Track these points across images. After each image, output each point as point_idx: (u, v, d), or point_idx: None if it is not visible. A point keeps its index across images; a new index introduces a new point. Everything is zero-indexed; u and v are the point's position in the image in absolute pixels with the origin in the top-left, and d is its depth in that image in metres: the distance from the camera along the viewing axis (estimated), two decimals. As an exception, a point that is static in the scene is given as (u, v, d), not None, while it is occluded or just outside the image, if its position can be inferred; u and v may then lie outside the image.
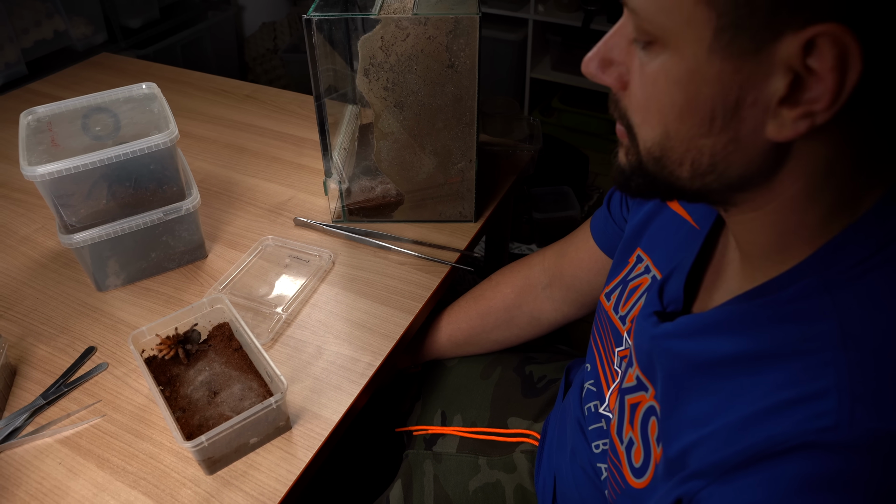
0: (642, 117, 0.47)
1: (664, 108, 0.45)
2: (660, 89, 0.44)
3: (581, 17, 2.49)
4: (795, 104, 0.40)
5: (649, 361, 0.58)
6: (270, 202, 1.12)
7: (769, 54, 0.39)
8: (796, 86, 0.39)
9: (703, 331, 0.52)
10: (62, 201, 0.86)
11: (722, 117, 0.42)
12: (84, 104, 0.96)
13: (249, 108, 1.41)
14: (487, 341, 0.96)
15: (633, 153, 0.49)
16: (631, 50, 0.47)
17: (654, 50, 0.44)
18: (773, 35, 0.38)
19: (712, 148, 0.44)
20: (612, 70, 0.48)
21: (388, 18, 0.84)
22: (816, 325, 0.44)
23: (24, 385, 0.82)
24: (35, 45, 1.99)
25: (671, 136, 0.45)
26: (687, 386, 0.52)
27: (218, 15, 2.72)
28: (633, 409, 0.61)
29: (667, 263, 0.64)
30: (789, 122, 0.40)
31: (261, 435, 0.73)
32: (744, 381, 0.46)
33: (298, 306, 0.91)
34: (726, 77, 0.41)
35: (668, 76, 0.43)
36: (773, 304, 0.47)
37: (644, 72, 0.45)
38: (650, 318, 0.59)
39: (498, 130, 1.29)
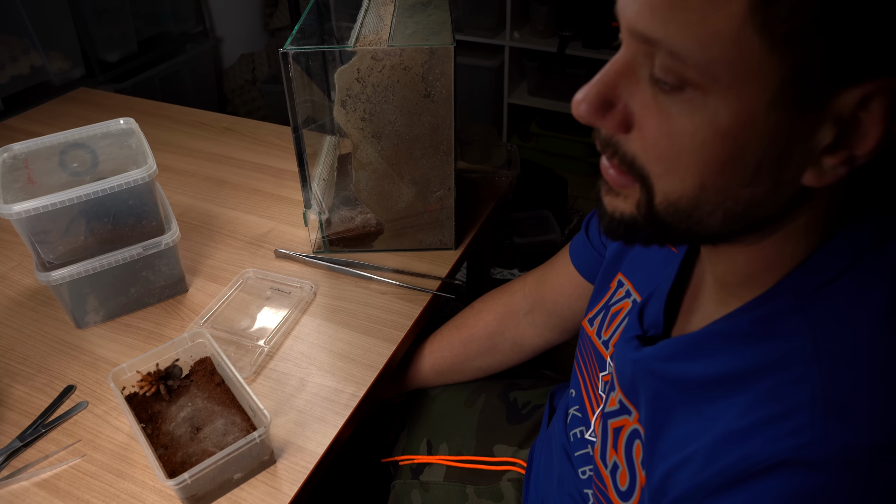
0: (666, 169, 0.43)
1: (702, 161, 0.41)
2: (699, 142, 0.40)
3: (556, 43, 2.53)
4: (837, 150, 0.39)
5: (632, 385, 0.58)
6: (250, 234, 1.11)
7: (827, 106, 0.38)
8: (842, 134, 0.39)
9: (682, 354, 0.52)
10: (39, 238, 0.86)
11: (768, 168, 0.40)
12: (61, 140, 0.96)
13: (228, 141, 1.41)
14: (471, 369, 0.95)
15: (645, 204, 0.45)
16: (639, 89, 0.42)
17: (690, 97, 0.40)
18: (838, 88, 0.37)
19: (751, 197, 0.42)
20: (614, 113, 0.43)
21: (364, 50, 0.85)
22: (790, 341, 0.44)
23: (0, 427, 0.81)
24: (11, 80, 1.98)
25: (707, 188, 0.42)
26: (670, 408, 0.52)
27: (196, 47, 2.73)
28: (616, 433, 0.61)
29: (647, 286, 0.64)
30: (829, 169, 0.40)
31: (245, 470, 0.73)
32: (722, 402, 0.47)
33: (281, 338, 0.91)
34: (781, 129, 0.39)
35: (713, 128, 0.40)
36: (748, 323, 0.47)
37: (671, 119, 0.41)
38: (631, 341, 0.59)
39: (476, 157, 1.30)
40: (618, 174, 0.46)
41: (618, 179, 0.46)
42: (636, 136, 0.43)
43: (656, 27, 0.39)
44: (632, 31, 0.41)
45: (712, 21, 0.37)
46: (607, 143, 0.46)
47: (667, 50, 0.39)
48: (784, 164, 0.40)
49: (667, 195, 0.44)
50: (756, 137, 0.39)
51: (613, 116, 0.43)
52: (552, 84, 2.66)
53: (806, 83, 0.37)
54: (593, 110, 0.43)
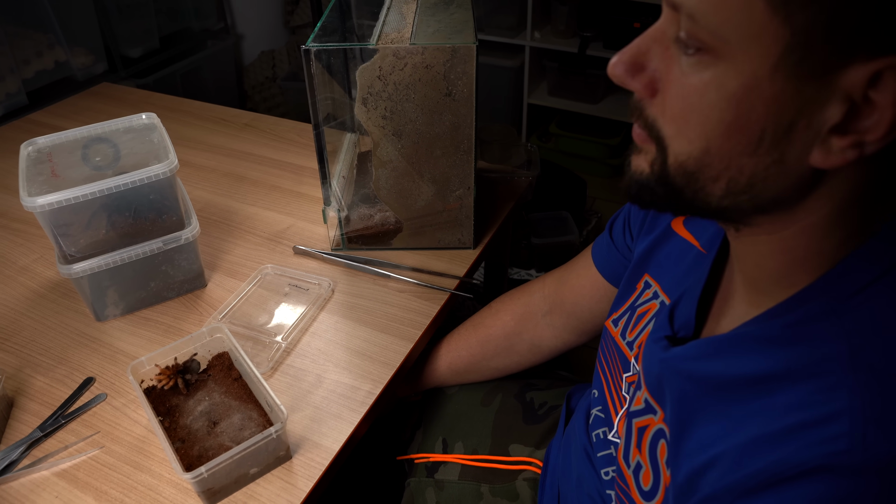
0: (678, 129, 0.45)
1: (709, 123, 0.43)
2: (707, 103, 0.42)
3: (577, 44, 2.52)
4: (846, 133, 0.39)
5: (659, 385, 0.58)
6: (269, 231, 1.12)
7: (832, 81, 0.38)
8: (851, 114, 0.39)
9: (713, 354, 0.52)
10: (61, 231, 0.86)
11: (771, 138, 0.41)
12: (84, 134, 0.96)
13: (248, 137, 1.42)
14: (488, 369, 0.95)
15: (659, 163, 0.47)
16: (668, 55, 0.44)
17: (704, 60, 0.41)
18: (843, 62, 0.37)
19: (754, 168, 0.43)
20: (643, 75, 0.46)
21: (386, 48, 0.85)
22: (825, 347, 0.44)
23: (22, 417, 0.82)
24: (36, 75, 2.00)
25: (712, 152, 0.44)
26: (697, 409, 0.51)
27: (217, 44, 2.75)
28: (640, 433, 0.61)
29: (675, 288, 0.63)
30: (837, 151, 0.40)
31: (261, 465, 0.73)
32: (754, 403, 0.46)
33: (298, 335, 0.91)
34: (785, 98, 0.39)
35: (721, 90, 0.41)
36: (781, 327, 0.47)
37: (687, 81, 0.43)
38: (660, 342, 0.59)
39: (496, 157, 1.30)
40: (640, 132, 0.49)
41: (640, 135, 0.49)
42: (659, 101, 0.46)
43: None
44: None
45: None
46: (635, 107, 0.48)
47: (686, 12, 0.41)
48: (788, 136, 0.41)
49: (677, 156, 0.45)
50: (760, 103, 0.40)
51: (642, 78, 0.46)
52: (572, 85, 2.65)
53: (808, 50, 0.38)
54: (625, 70, 0.46)
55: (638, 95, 0.47)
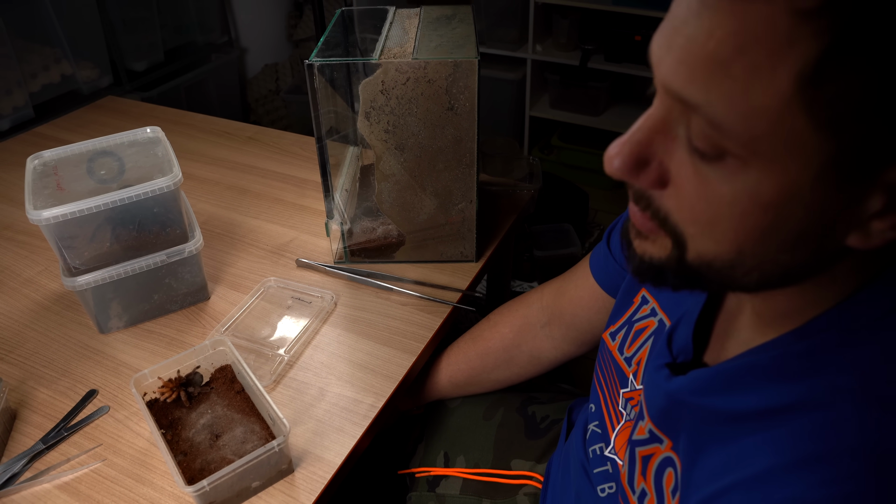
0: (702, 231, 0.41)
1: (742, 229, 0.39)
2: (739, 211, 0.39)
3: (578, 57, 2.53)
4: (885, 215, 0.37)
5: (664, 416, 0.57)
6: (272, 243, 1.12)
7: (877, 178, 0.36)
8: (892, 201, 0.37)
9: (718, 386, 0.50)
10: (66, 244, 0.87)
11: (810, 236, 0.39)
12: (89, 148, 0.97)
13: (252, 150, 1.42)
14: (488, 381, 0.95)
15: (675, 257, 0.44)
16: (673, 145, 0.41)
17: (731, 166, 0.38)
18: (889, 164, 0.35)
19: (790, 262, 0.41)
20: (648, 171, 0.42)
21: (389, 63, 0.85)
22: (835, 380, 0.42)
23: (24, 429, 0.82)
24: (42, 88, 2.02)
25: (745, 254, 0.41)
26: (706, 439, 0.50)
27: (221, 57, 2.76)
28: (645, 461, 0.59)
29: (674, 308, 0.62)
30: (877, 233, 0.38)
31: (263, 478, 0.73)
32: (764, 434, 0.45)
33: (301, 348, 0.91)
34: (827, 202, 0.37)
35: (755, 199, 0.38)
36: (789, 357, 0.46)
37: (710, 186, 0.39)
38: (661, 370, 0.57)
39: (498, 170, 1.31)
40: (647, 221, 0.45)
41: (647, 225, 0.45)
42: (671, 194, 0.42)
43: (695, 92, 0.37)
44: (667, 90, 0.39)
45: (756, 94, 0.35)
46: (640, 196, 0.44)
47: (706, 118, 0.37)
48: (828, 232, 0.39)
49: (700, 254, 0.42)
50: (799, 209, 0.37)
51: (648, 174, 0.42)
52: (574, 97, 2.66)
53: (855, 162, 0.35)
54: (627, 168, 0.42)
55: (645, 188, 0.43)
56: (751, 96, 0.35)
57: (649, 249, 0.46)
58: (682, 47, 0.37)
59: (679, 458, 0.54)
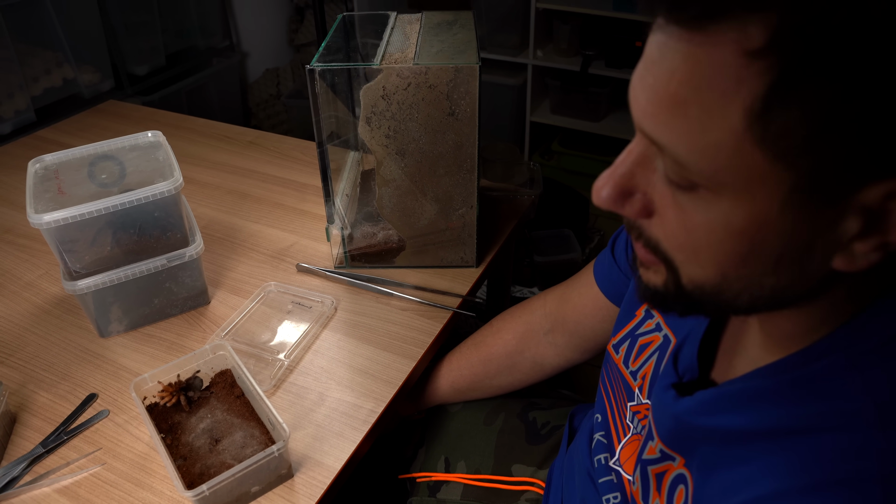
0: (688, 258, 0.43)
1: (721, 255, 0.41)
2: (716, 239, 0.41)
3: (579, 62, 2.54)
4: (868, 237, 0.38)
5: (674, 437, 0.56)
6: (273, 248, 1.12)
7: (847, 203, 0.37)
8: (871, 222, 0.37)
9: (726, 406, 0.50)
10: (67, 248, 0.87)
11: (789, 258, 0.40)
12: (91, 152, 0.97)
13: (252, 154, 1.43)
14: (490, 387, 0.95)
15: (673, 283, 0.46)
16: (655, 178, 0.43)
17: (703, 196, 0.40)
18: (856, 188, 0.36)
19: (775, 283, 0.42)
20: (634, 201, 0.44)
21: (390, 68, 0.86)
22: (847, 403, 0.42)
23: (24, 433, 0.82)
24: (44, 92, 2.03)
25: (729, 278, 0.42)
26: (717, 458, 0.50)
27: (222, 62, 2.77)
28: (659, 478, 0.59)
29: (679, 324, 0.62)
30: (861, 255, 0.39)
31: (263, 483, 0.73)
32: (775, 456, 0.45)
33: (301, 353, 0.91)
34: (798, 226, 0.38)
35: (728, 227, 0.40)
36: (801, 380, 0.45)
37: (687, 215, 0.41)
38: (668, 391, 0.57)
39: (498, 175, 1.31)
40: (645, 252, 0.47)
41: (646, 257, 0.47)
42: (658, 223, 0.44)
43: (660, 133, 0.39)
44: (640, 129, 0.41)
45: (712, 132, 0.36)
46: (632, 226, 0.47)
47: (671, 157, 0.39)
48: (808, 254, 0.40)
49: (691, 279, 0.44)
50: (773, 235, 0.39)
51: (633, 205, 0.44)
52: (575, 103, 2.67)
53: (818, 188, 0.36)
54: (613, 199, 0.44)
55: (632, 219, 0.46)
56: (707, 134, 0.37)
57: (651, 279, 0.48)
58: (650, 87, 0.39)
59: (692, 476, 0.54)
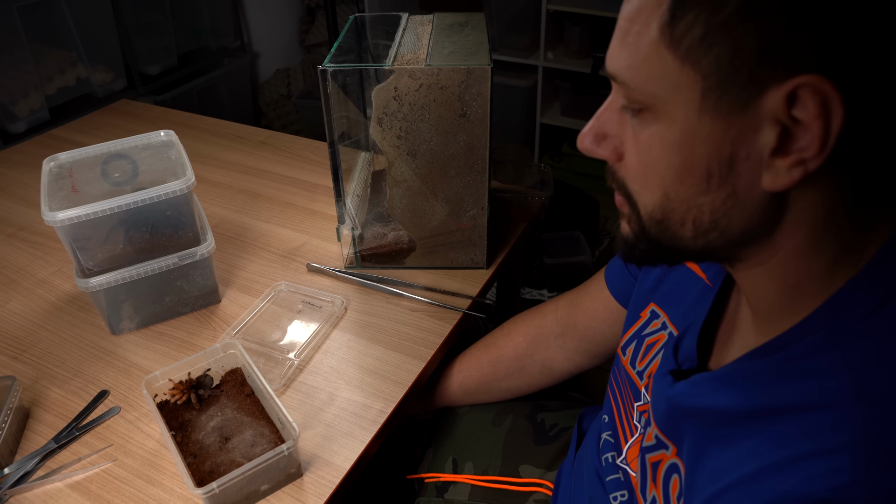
0: (641, 184, 0.49)
1: (662, 171, 0.46)
2: (656, 154, 0.46)
3: (590, 64, 2.53)
4: (787, 153, 0.41)
5: (668, 421, 0.58)
6: (283, 248, 1.13)
7: (756, 109, 0.41)
8: (785, 136, 0.41)
9: (715, 388, 0.52)
10: (80, 245, 0.88)
11: (718, 174, 0.44)
12: (104, 151, 0.98)
13: (263, 154, 1.43)
14: (499, 389, 0.95)
15: (635, 220, 0.51)
16: (623, 121, 0.49)
17: (646, 117, 0.46)
18: (758, 90, 0.40)
19: (712, 205, 0.45)
20: (607, 143, 0.51)
21: (402, 69, 0.86)
22: (828, 380, 0.44)
23: (37, 428, 0.83)
24: (58, 91, 2.04)
25: (671, 197, 0.47)
26: (706, 442, 0.52)
27: (233, 62, 2.78)
28: (654, 468, 0.61)
29: (683, 320, 0.64)
30: (783, 172, 0.42)
31: (272, 482, 0.73)
32: (760, 435, 0.46)
33: (311, 352, 0.91)
34: (718, 135, 0.42)
35: (663, 141, 0.45)
36: (784, 360, 0.47)
37: (638, 140, 0.47)
38: (665, 377, 0.59)
39: (509, 177, 1.31)
40: (619, 197, 0.53)
41: (619, 201, 0.53)
42: (624, 164, 0.50)
43: (613, 65, 0.47)
44: (607, 73, 0.48)
45: (640, 49, 0.44)
46: (609, 173, 0.53)
47: (620, 81, 0.46)
48: (733, 169, 0.43)
49: (645, 208, 0.49)
50: (699, 145, 0.43)
51: (607, 146, 0.51)
52: (585, 104, 2.66)
53: (722, 88, 0.41)
54: (591, 141, 0.51)
55: (609, 161, 0.52)
56: (637, 52, 0.44)
57: (625, 227, 0.53)
58: (614, 34, 0.47)
59: (683, 464, 0.55)
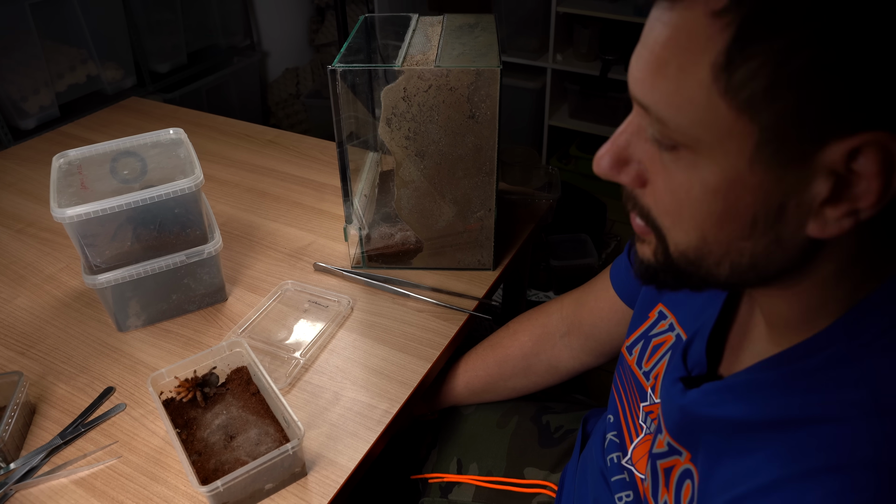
0: (673, 221, 0.46)
1: (700, 215, 0.43)
2: (695, 197, 0.43)
3: (599, 67, 2.53)
4: (838, 203, 0.39)
5: (681, 429, 0.57)
6: (291, 247, 1.13)
7: (813, 161, 0.38)
8: (839, 186, 0.39)
9: (729, 397, 0.51)
10: (88, 242, 0.88)
11: (764, 222, 0.41)
12: (113, 148, 0.98)
13: (272, 153, 1.43)
14: (505, 389, 0.95)
15: (661, 252, 0.48)
16: (648, 147, 0.45)
17: (683, 156, 0.42)
18: (819, 144, 0.38)
19: (753, 249, 0.43)
20: (629, 169, 0.47)
21: (411, 70, 0.86)
22: (847, 393, 0.43)
23: (43, 424, 0.83)
24: (68, 88, 2.05)
25: (709, 241, 0.44)
26: (721, 450, 0.51)
27: (243, 60, 2.79)
28: (667, 473, 0.60)
29: (692, 323, 0.63)
30: (833, 221, 0.40)
31: (276, 481, 0.73)
32: (775, 446, 0.46)
33: (316, 351, 0.91)
34: (769, 185, 0.40)
35: (705, 186, 0.42)
36: (801, 372, 0.46)
37: (672, 177, 0.44)
38: (676, 384, 0.58)
39: (517, 179, 1.31)
40: (639, 224, 0.50)
41: (640, 227, 0.50)
42: (650, 191, 0.47)
43: (645, 95, 0.43)
44: (633, 97, 0.44)
45: (685, 88, 0.40)
46: (629, 197, 0.49)
47: (655, 117, 0.42)
48: (781, 217, 0.41)
49: (677, 245, 0.46)
50: (746, 193, 0.41)
51: (628, 172, 0.47)
52: (593, 107, 2.66)
53: (780, 142, 0.38)
54: (610, 167, 0.47)
55: (629, 187, 0.48)
56: (682, 91, 0.40)
57: (645, 252, 0.50)
58: (641, 57, 0.43)
59: (697, 470, 0.54)
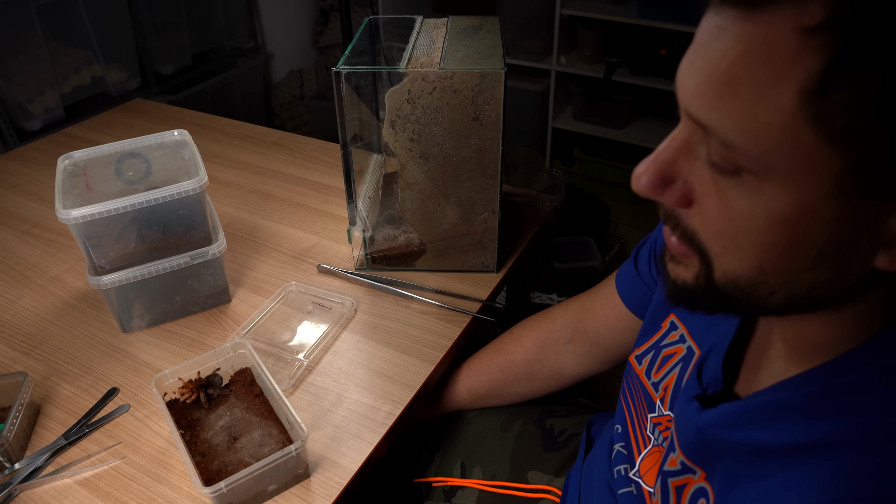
0: (725, 248, 0.42)
1: (761, 245, 0.40)
2: (757, 226, 0.39)
3: (603, 69, 2.53)
4: None
5: (697, 449, 0.55)
6: (294, 248, 1.13)
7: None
8: None
9: (748, 420, 0.49)
10: (93, 243, 0.88)
11: (833, 254, 0.38)
12: (118, 149, 0.99)
13: (276, 155, 1.44)
14: (508, 394, 0.95)
15: (704, 277, 0.44)
16: (697, 165, 0.41)
17: (746, 182, 0.38)
18: None
19: (814, 281, 0.40)
20: (674, 189, 0.43)
21: (416, 72, 0.86)
22: (874, 420, 0.41)
23: (47, 424, 0.83)
24: (74, 90, 2.06)
25: (767, 271, 0.41)
26: (738, 473, 0.49)
27: (247, 62, 2.80)
28: (678, 491, 0.58)
29: (704, 336, 0.61)
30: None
31: (279, 482, 0.73)
32: (799, 469, 0.44)
33: (320, 353, 0.91)
34: (845, 217, 0.37)
35: (771, 216, 0.38)
36: (826, 394, 0.44)
37: (729, 202, 0.40)
38: (691, 402, 0.56)
39: (521, 181, 1.31)
40: (679, 244, 0.45)
41: (679, 248, 0.45)
42: (697, 212, 0.43)
43: (708, 114, 0.38)
44: (686, 113, 0.40)
45: (763, 112, 0.36)
46: (669, 216, 0.45)
47: (719, 139, 0.38)
48: (851, 250, 0.38)
49: (726, 273, 0.43)
50: (817, 225, 0.37)
51: (673, 192, 0.43)
52: (597, 109, 2.66)
53: (869, 175, 0.35)
54: (653, 186, 0.43)
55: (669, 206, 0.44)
56: (757, 114, 0.36)
57: (682, 273, 0.46)
58: (700, 69, 0.38)
59: (713, 490, 0.53)
